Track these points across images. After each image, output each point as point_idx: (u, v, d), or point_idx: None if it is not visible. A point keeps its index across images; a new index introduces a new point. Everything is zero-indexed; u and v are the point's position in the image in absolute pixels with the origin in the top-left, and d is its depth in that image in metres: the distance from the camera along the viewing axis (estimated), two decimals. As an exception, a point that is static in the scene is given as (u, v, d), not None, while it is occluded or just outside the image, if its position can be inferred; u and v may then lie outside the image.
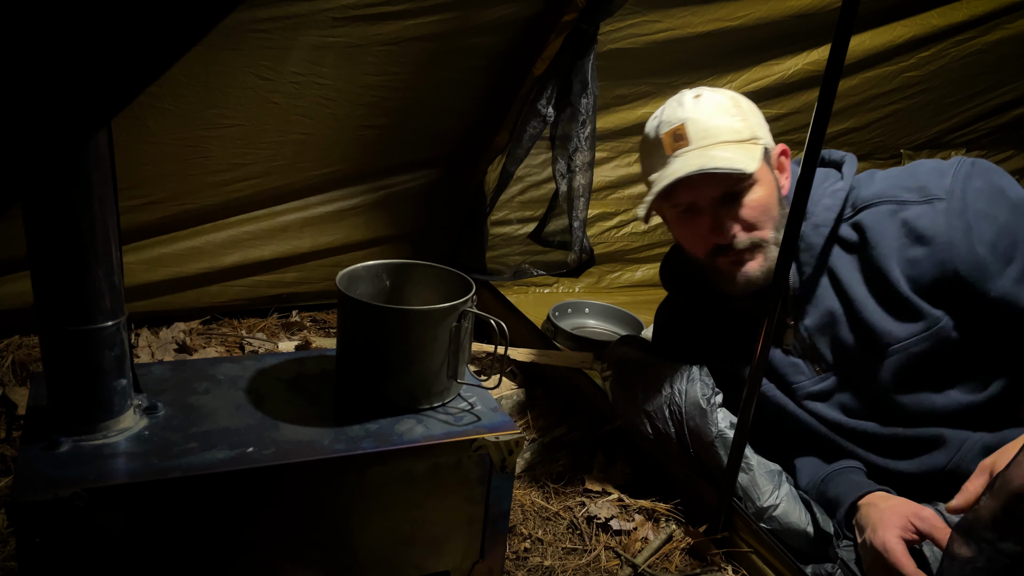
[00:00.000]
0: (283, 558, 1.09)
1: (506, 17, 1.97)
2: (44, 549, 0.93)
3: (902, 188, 1.33)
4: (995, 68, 2.81)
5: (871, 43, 2.53)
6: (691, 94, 1.39)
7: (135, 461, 1.00)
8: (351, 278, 1.26)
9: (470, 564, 1.22)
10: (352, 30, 1.84)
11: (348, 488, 1.09)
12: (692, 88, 1.42)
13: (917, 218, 1.29)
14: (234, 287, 2.22)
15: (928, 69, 2.70)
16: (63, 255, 0.95)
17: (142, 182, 1.93)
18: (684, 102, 1.38)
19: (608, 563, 1.43)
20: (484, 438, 1.14)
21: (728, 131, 1.34)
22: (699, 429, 1.45)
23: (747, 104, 1.40)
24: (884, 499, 1.31)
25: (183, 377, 1.23)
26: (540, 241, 2.31)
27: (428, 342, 1.16)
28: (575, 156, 2.10)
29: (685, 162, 1.32)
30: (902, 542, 1.20)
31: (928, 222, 1.28)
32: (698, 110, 1.35)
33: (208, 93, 1.84)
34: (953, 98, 2.90)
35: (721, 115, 1.35)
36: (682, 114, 1.36)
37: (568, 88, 2.07)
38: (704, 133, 1.33)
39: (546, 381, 2.04)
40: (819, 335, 1.41)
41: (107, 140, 0.95)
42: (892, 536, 1.21)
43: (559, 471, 1.68)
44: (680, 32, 2.22)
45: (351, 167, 2.21)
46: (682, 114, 1.36)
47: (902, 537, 1.21)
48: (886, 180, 1.37)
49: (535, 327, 2.19)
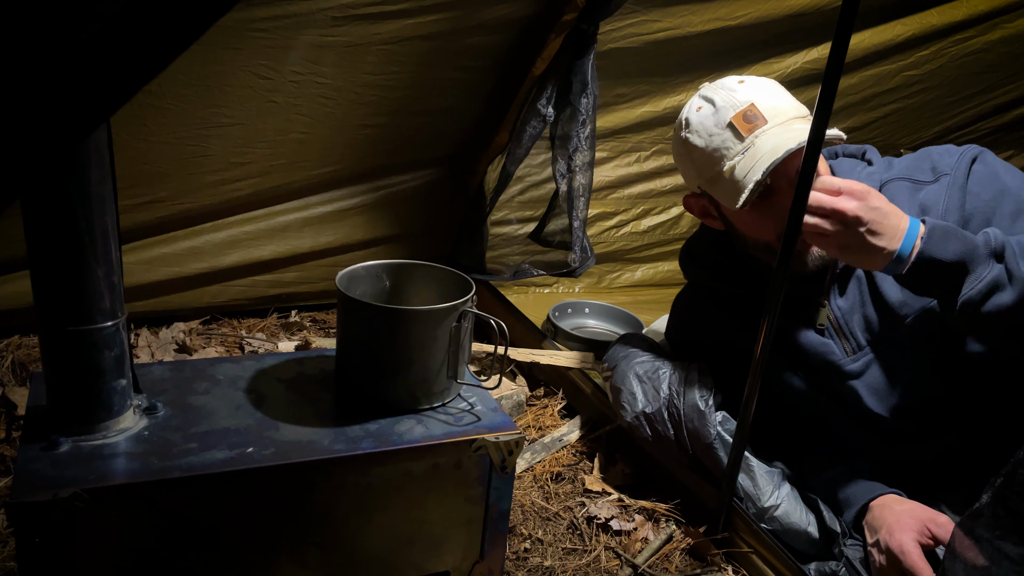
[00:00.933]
0: (283, 558, 1.09)
1: (506, 17, 1.97)
2: (44, 549, 0.93)
3: (918, 169, 1.40)
4: (995, 67, 2.81)
5: (871, 41, 2.53)
6: (733, 80, 1.38)
7: (135, 461, 1.00)
8: (351, 278, 1.26)
9: (470, 564, 1.22)
10: (351, 29, 1.83)
11: (348, 488, 1.09)
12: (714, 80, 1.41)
13: (926, 195, 1.36)
14: (234, 287, 2.22)
15: (927, 68, 2.70)
16: (63, 255, 0.95)
17: (141, 181, 1.93)
18: (735, 87, 1.36)
19: (608, 563, 1.43)
20: (484, 438, 1.14)
21: (792, 108, 1.34)
22: (697, 431, 1.45)
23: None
24: (899, 502, 1.31)
25: (183, 377, 1.23)
26: (540, 241, 2.30)
27: (428, 342, 1.16)
28: (575, 156, 2.10)
29: (778, 138, 1.29)
30: (918, 546, 1.21)
31: (933, 196, 1.35)
32: (758, 91, 1.35)
33: (207, 92, 1.83)
34: (953, 97, 2.90)
35: (778, 94, 1.36)
36: (743, 97, 1.33)
37: (568, 88, 2.07)
38: (775, 111, 1.32)
39: (546, 381, 2.04)
40: (850, 314, 1.41)
41: (106, 139, 0.95)
42: (909, 540, 1.22)
43: (559, 471, 1.68)
44: (680, 31, 2.22)
45: (350, 166, 2.20)
46: (743, 97, 1.33)
47: (918, 542, 1.21)
48: (903, 163, 1.43)
49: (535, 327, 2.19)
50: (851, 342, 1.41)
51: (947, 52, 2.68)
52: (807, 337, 1.44)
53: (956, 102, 2.92)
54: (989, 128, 3.09)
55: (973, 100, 2.95)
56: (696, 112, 1.38)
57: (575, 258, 2.22)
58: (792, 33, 2.40)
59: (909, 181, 1.38)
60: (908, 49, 2.62)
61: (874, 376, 1.40)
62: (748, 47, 2.40)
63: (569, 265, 2.24)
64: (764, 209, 1.36)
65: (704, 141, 1.35)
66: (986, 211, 1.32)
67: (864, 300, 1.40)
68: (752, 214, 1.37)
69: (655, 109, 2.45)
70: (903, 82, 2.71)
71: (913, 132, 2.97)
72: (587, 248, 2.22)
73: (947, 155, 1.39)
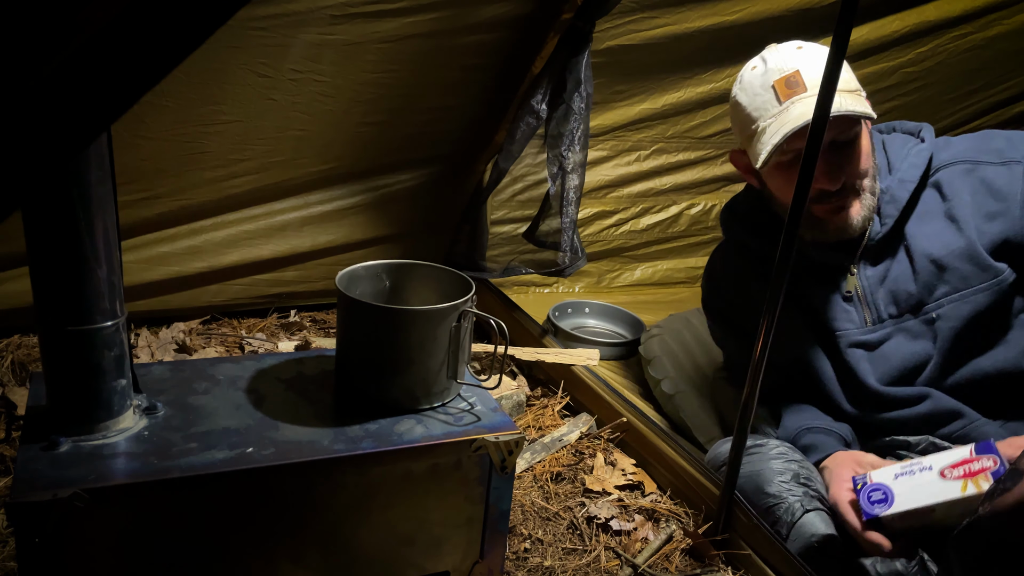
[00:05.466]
0: (283, 558, 1.09)
1: (505, 15, 1.96)
2: (44, 549, 0.93)
3: (979, 151, 1.42)
4: (993, 64, 2.81)
5: (868, 37, 2.52)
6: (792, 45, 1.40)
7: (135, 461, 1.00)
8: (351, 278, 1.26)
9: (470, 564, 1.22)
10: (350, 27, 1.83)
11: (348, 488, 1.09)
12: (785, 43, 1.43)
13: (995, 177, 1.38)
14: (233, 287, 2.21)
15: (926, 65, 2.70)
16: (62, 255, 0.95)
17: (140, 177, 1.92)
18: (789, 52, 1.39)
19: (608, 563, 1.43)
20: (484, 438, 1.14)
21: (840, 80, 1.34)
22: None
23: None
24: (834, 459, 1.38)
25: (183, 377, 1.23)
26: (533, 241, 2.29)
27: (428, 342, 1.16)
28: (567, 155, 2.09)
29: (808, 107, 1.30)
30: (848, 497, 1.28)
31: (1005, 181, 1.38)
32: (809, 59, 1.37)
33: (206, 90, 1.83)
34: (951, 94, 2.90)
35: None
36: (793, 63, 1.36)
37: (562, 86, 2.06)
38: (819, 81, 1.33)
39: (546, 381, 2.04)
40: (878, 286, 1.44)
41: (106, 139, 0.95)
42: (840, 493, 1.30)
43: (559, 471, 1.68)
44: (678, 28, 2.21)
45: (349, 164, 2.20)
46: (793, 63, 1.36)
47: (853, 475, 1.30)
48: (963, 143, 1.46)
49: (536, 325, 2.19)
50: (873, 313, 1.44)
51: (945, 48, 2.68)
52: (830, 301, 1.47)
53: (954, 99, 2.92)
54: (988, 125, 3.08)
55: (972, 97, 2.95)
56: (750, 71, 1.42)
57: (564, 257, 2.21)
58: (791, 29, 2.39)
59: (968, 163, 1.41)
60: (906, 45, 2.61)
61: (888, 350, 1.44)
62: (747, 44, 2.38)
63: (558, 264, 2.24)
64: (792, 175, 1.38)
65: (748, 99, 1.40)
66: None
67: (896, 276, 1.43)
68: (781, 178, 1.42)
69: (654, 106, 2.45)
70: (901, 79, 2.71)
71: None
72: (578, 248, 2.21)
73: (1016, 141, 1.41)
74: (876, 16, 2.52)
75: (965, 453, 1.18)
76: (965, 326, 1.40)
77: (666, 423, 1.85)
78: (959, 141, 1.46)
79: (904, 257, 1.44)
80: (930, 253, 1.40)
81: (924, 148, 1.45)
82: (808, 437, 1.46)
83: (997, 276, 1.37)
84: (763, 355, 1.29)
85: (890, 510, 1.21)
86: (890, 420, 1.44)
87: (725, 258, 1.68)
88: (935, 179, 1.43)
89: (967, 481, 1.15)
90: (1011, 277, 1.38)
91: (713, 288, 1.70)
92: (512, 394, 1.87)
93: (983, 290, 1.38)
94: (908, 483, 1.22)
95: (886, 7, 2.52)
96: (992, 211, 1.38)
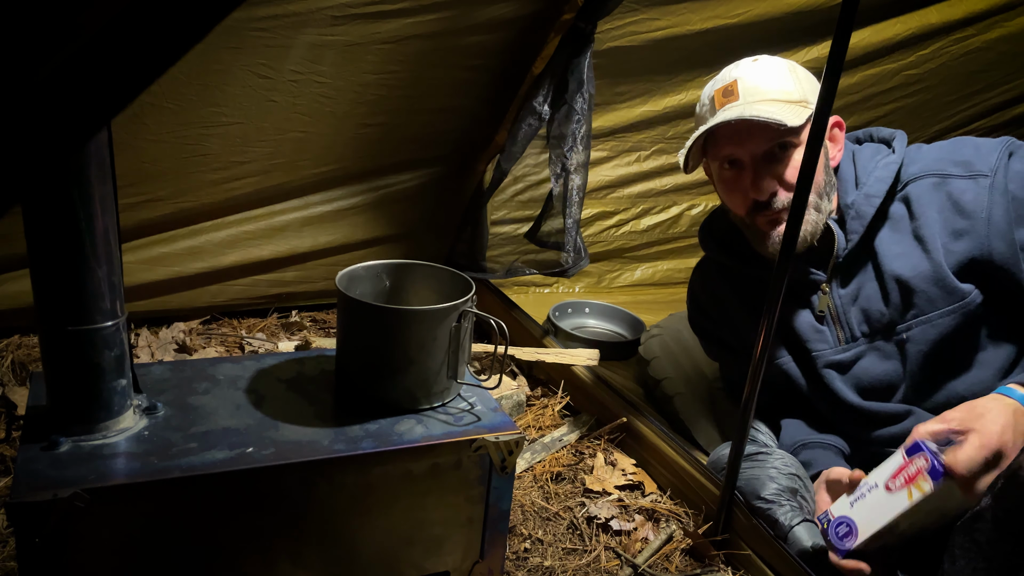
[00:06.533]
0: (283, 558, 1.09)
1: (505, 15, 1.96)
2: (44, 549, 0.93)
3: (948, 162, 1.38)
4: (994, 66, 2.81)
5: (870, 40, 2.53)
6: (750, 58, 1.42)
7: (135, 461, 1.00)
8: (351, 278, 1.26)
9: (470, 564, 1.22)
10: (351, 28, 1.83)
11: (348, 488, 1.09)
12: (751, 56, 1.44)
13: (962, 192, 1.34)
14: (234, 287, 2.22)
15: (927, 67, 2.70)
16: (63, 255, 0.95)
17: (141, 179, 1.93)
18: (741, 64, 1.41)
19: (608, 563, 1.43)
20: (484, 438, 1.14)
21: (778, 91, 1.35)
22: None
23: (803, 72, 1.42)
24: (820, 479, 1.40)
25: (183, 377, 1.23)
26: (535, 241, 2.29)
27: (428, 342, 1.16)
28: (570, 156, 2.09)
29: (727, 113, 1.34)
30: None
31: (972, 197, 1.33)
32: (752, 70, 1.38)
33: (207, 91, 1.83)
34: (952, 96, 2.90)
35: (774, 76, 1.37)
36: (736, 73, 1.39)
37: (564, 87, 2.06)
38: (754, 90, 1.35)
39: (546, 381, 2.04)
40: (850, 305, 1.43)
41: (107, 139, 0.95)
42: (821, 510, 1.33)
43: (559, 471, 1.68)
44: (679, 29, 2.21)
45: (350, 165, 2.20)
46: (736, 73, 1.39)
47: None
48: (933, 153, 1.41)
49: (536, 325, 2.19)
50: (846, 332, 1.44)
51: (947, 51, 2.68)
52: (803, 321, 1.47)
53: (955, 101, 2.92)
54: (988, 127, 3.09)
55: (973, 99, 2.95)
56: (708, 83, 1.45)
57: (568, 258, 2.21)
58: (792, 31, 2.39)
59: (936, 177, 1.37)
60: (907, 48, 2.62)
61: (860, 369, 1.44)
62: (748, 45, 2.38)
63: (561, 265, 2.24)
64: (731, 182, 1.41)
65: (697, 109, 1.47)
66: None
67: (869, 295, 1.41)
68: (721, 186, 1.44)
69: (655, 108, 2.45)
70: (903, 81, 2.71)
71: (913, 131, 2.96)
72: (581, 248, 2.21)
73: (983, 151, 1.35)
74: (877, 19, 2.52)
75: (899, 459, 1.19)
76: (932, 350, 1.37)
77: (666, 423, 1.85)
78: (929, 151, 1.42)
79: (874, 276, 1.41)
80: (898, 275, 1.37)
81: (892, 160, 1.41)
82: (805, 453, 1.48)
83: (963, 299, 1.34)
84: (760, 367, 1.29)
85: (858, 541, 1.24)
86: (879, 437, 1.44)
87: (704, 277, 1.69)
88: (903, 194, 1.39)
89: (910, 488, 1.16)
90: (978, 299, 1.34)
91: (696, 308, 1.72)
92: (512, 394, 1.87)
93: (949, 313, 1.35)
94: (864, 507, 1.24)
95: (887, 10, 2.52)
96: (959, 228, 1.33)
